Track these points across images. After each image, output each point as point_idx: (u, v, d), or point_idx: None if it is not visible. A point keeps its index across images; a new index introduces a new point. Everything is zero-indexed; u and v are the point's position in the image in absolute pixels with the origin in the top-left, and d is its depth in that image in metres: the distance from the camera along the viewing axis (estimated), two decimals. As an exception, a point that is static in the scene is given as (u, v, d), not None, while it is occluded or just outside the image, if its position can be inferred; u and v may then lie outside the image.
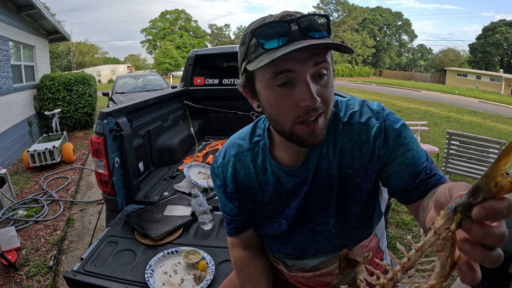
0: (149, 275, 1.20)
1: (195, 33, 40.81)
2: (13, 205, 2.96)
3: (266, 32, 0.54)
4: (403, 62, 42.56)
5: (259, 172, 0.72)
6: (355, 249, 0.77)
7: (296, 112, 0.56)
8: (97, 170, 1.70)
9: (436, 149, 4.06)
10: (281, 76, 0.55)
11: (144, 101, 2.19)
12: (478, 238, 0.29)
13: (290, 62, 0.53)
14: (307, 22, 0.54)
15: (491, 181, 0.29)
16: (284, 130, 0.60)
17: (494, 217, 0.28)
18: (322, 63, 0.55)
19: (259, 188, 0.73)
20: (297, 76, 0.54)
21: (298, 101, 0.55)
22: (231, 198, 0.77)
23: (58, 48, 27.51)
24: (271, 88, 0.57)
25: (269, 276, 0.84)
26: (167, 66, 30.96)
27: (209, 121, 3.34)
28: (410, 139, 0.65)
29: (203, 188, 1.95)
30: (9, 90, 4.73)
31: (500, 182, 0.28)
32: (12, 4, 4.93)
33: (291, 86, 0.55)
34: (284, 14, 0.56)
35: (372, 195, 0.70)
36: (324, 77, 0.56)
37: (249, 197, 0.75)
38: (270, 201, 0.73)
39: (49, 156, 4.07)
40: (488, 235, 0.29)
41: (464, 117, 9.58)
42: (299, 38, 0.53)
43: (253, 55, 0.57)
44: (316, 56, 0.54)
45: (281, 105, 0.57)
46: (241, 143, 0.75)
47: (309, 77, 0.54)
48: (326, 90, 0.57)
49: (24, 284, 1.99)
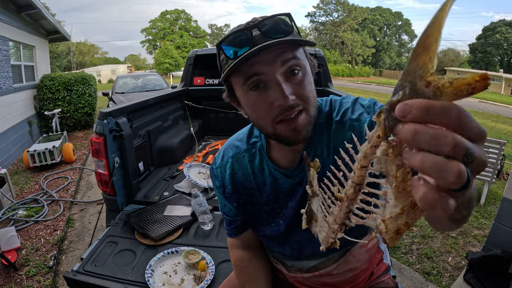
0: (149, 275, 1.20)
1: (195, 33, 40.81)
2: (13, 205, 2.96)
3: (230, 43, 0.56)
4: (403, 62, 42.54)
5: (256, 173, 0.73)
6: (354, 249, 0.77)
7: (273, 113, 0.56)
8: (97, 170, 1.70)
9: (436, 149, 4.06)
10: (251, 80, 0.55)
11: (144, 101, 2.19)
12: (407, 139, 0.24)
13: (257, 65, 0.54)
14: (269, 24, 0.55)
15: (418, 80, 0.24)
16: (268, 133, 0.60)
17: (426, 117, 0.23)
18: (290, 60, 0.55)
19: (257, 188, 0.73)
20: (267, 78, 0.55)
21: (272, 101, 0.55)
22: (230, 199, 0.78)
23: (58, 48, 27.51)
24: (247, 93, 0.58)
25: (269, 276, 0.84)
26: (167, 66, 30.95)
27: (209, 121, 3.33)
28: None
29: (203, 188, 1.95)
30: (9, 90, 4.73)
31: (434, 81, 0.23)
32: (12, 4, 4.93)
33: (264, 88, 0.56)
34: (249, 22, 0.57)
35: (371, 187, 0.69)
36: (297, 74, 0.56)
37: (247, 198, 0.75)
38: (267, 202, 0.73)
39: (49, 156, 4.07)
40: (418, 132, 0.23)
41: (464, 117, 9.58)
42: (262, 42, 0.53)
43: (225, 66, 0.58)
44: (283, 55, 0.54)
45: (258, 108, 0.58)
46: (239, 145, 0.76)
47: (279, 76, 0.54)
48: (301, 87, 0.56)
49: (24, 284, 1.99)
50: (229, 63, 0.56)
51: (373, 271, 0.85)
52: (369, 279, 0.85)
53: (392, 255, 2.34)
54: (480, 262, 1.91)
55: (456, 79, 0.22)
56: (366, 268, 0.82)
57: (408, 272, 2.19)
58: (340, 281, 0.80)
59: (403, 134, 0.24)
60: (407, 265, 2.26)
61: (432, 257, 2.33)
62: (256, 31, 0.54)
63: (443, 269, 2.21)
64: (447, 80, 0.23)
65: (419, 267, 2.24)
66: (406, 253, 2.40)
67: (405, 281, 2.09)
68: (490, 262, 1.88)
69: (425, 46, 0.24)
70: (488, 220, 2.84)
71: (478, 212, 3.02)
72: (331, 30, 38.76)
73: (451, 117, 0.23)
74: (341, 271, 0.78)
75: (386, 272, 0.89)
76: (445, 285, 2.05)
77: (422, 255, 2.37)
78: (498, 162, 3.09)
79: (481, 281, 1.87)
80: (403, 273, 2.18)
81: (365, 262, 0.79)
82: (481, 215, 2.97)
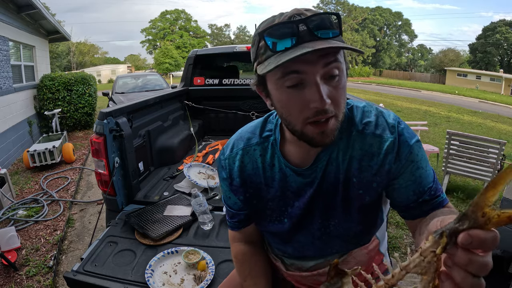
0: (149, 275, 1.20)
1: (195, 33, 40.80)
2: (13, 205, 2.96)
3: (273, 34, 0.53)
4: (403, 62, 42.55)
5: (266, 168, 0.71)
6: (354, 251, 0.77)
7: (306, 113, 0.55)
8: (97, 170, 1.70)
9: (436, 149, 4.05)
10: (290, 77, 0.54)
11: (144, 101, 2.19)
12: (461, 264, 0.30)
13: (299, 64, 0.52)
14: (316, 21, 0.52)
15: (478, 210, 0.30)
16: (295, 130, 0.59)
17: (479, 246, 0.29)
18: (332, 63, 0.53)
19: (265, 183, 0.72)
20: (307, 78, 0.53)
21: (308, 102, 0.54)
22: (236, 192, 0.76)
23: (58, 48, 27.50)
24: (281, 89, 0.56)
25: (269, 273, 0.84)
26: (167, 66, 30.95)
27: (209, 121, 3.33)
28: (421, 157, 0.64)
29: (203, 188, 1.95)
30: (9, 90, 4.73)
31: (488, 213, 0.29)
32: (12, 4, 4.93)
33: (301, 87, 0.54)
34: (293, 13, 0.54)
35: (375, 205, 0.69)
36: (335, 78, 0.55)
37: (254, 192, 0.74)
38: (273, 198, 0.72)
39: (49, 156, 4.07)
40: (472, 262, 0.29)
41: (464, 117, 9.58)
42: (308, 38, 0.52)
43: (263, 57, 0.56)
44: (326, 57, 0.53)
45: (292, 106, 0.56)
46: (251, 137, 0.74)
47: (319, 78, 0.53)
48: (337, 92, 0.55)
49: (24, 284, 1.99)
50: (267, 53, 0.55)
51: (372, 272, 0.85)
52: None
53: (392, 255, 2.33)
54: (480, 262, 1.91)
55: (502, 213, 0.29)
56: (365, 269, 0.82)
57: (408, 272, 2.19)
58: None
59: (459, 259, 0.30)
60: (407, 265, 2.26)
61: (432, 257, 2.34)
62: (303, 26, 0.52)
63: (443, 269, 2.21)
64: (496, 213, 0.29)
65: (419, 267, 2.24)
66: (406, 253, 2.40)
67: (405, 281, 2.09)
68: (490, 262, 1.88)
69: (495, 185, 0.30)
70: (488, 220, 2.83)
71: (478, 212, 3.02)
72: (331, 30, 38.74)
73: (492, 245, 0.29)
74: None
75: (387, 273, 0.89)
76: None
77: (422, 255, 2.37)
78: (498, 162, 3.09)
79: (481, 281, 1.87)
80: (403, 273, 2.18)
81: (365, 263, 0.79)
82: (481, 215, 2.97)
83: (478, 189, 3.46)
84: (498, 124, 8.82)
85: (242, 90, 3.18)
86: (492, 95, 18.65)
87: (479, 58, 31.06)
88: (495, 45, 30.07)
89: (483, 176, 3.15)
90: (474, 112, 10.71)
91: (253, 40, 0.60)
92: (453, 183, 3.65)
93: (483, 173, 3.15)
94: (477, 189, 3.47)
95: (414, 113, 9.74)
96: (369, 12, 39.71)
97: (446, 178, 3.41)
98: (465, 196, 3.32)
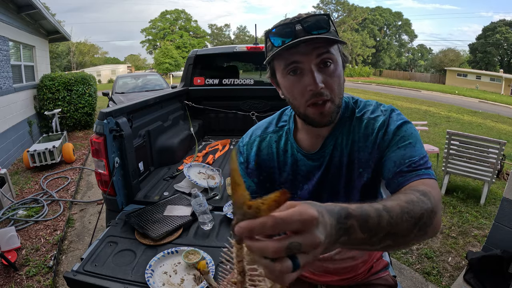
0: (149, 275, 1.20)
1: (195, 33, 40.79)
2: (13, 205, 2.96)
3: (275, 33, 0.66)
4: (403, 62, 42.54)
5: (280, 153, 0.80)
6: None
7: (305, 96, 0.66)
8: (97, 170, 1.70)
9: (436, 149, 4.05)
10: (290, 66, 0.66)
11: (144, 101, 2.19)
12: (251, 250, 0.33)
13: (297, 55, 0.64)
14: (310, 22, 0.64)
15: (242, 207, 0.33)
16: (300, 112, 0.70)
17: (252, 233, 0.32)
18: (324, 54, 0.64)
19: (278, 167, 0.80)
20: (304, 66, 0.65)
21: (306, 86, 0.65)
22: (251, 175, 0.83)
23: (58, 48, 27.50)
24: (286, 76, 0.68)
25: None
26: (167, 66, 30.94)
27: (209, 121, 3.33)
28: (410, 134, 0.67)
29: (203, 188, 1.95)
30: (9, 90, 4.73)
31: (253, 204, 0.32)
32: (12, 4, 4.93)
33: (300, 75, 0.66)
34: (294, 17, 0.67)
35: (374, 185, 0.74)
36: (330, 66, 0.65)
37: (268, 175, 0.82)
38: (285, 182, 0.80)
39: (49, 156, 4.07)
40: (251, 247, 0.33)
41: (464, 117, 9.58)
42: (303, 35, 0.63)
43: (270, 52, 0.68)
44: (319, 49, 0.64)
45: (294, 90, 0.68)
46: (268, 126, 0.85)
47: (313, 66, 0.64)
48: (331, 78, 0.66)
49: (24, 284, 1.99)
50: (273, 49, 0.66)
51: (372, 265, 0.87)
52: (369, 272, 0.88)
53: (392, 255, 2.34)
54: (480, 262, 1.91)
55: (266, 199, 0.32)
56: (366, 259, 0.85)
57: (408, 272, 2.19)
58: (341, 268, 0.83)
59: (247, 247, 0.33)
60: (407, 265, 2.26)
61: (432, 257, 2.34)
62: (298, 26, 0.64)
63: (443, 269, 2.21)
64: (260, 201, 0.32)
65: (419, 267, 2.24)
66: (406, 253, 2.40)
67: (405, 281, 2.09)
68: (490, 262, 1.87)
69: (237, 183, 0.33)
70: (488, 220, 2.83)
71: (478, 212, 3.02)
72: (331, 30, 38.71)
73: (269, 227, 0.31)
74: (343, 258, 0.82)
75: (386, 269, 0.91)
76: (445, 285, 2.05)
77: (422, 255, 2.37)
78: (498, 162, 3.09)
79: (481, 281, 1.87)
80: (403, 273, 2.18)
81: (366, 252, 0.83)
82: (481, 215, 2.97)
83: (478, 189, 3.46)
84: (498, 124, 8.82)
85: (242, 90, 3.18)
86: (492, 95, 18.65)
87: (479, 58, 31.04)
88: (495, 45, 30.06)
89: (483, 176, 3.15)
90: (474, 112, 10.71)
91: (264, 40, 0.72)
92: (453, 183, 3.65)
93: (483, 173, 3.15)
94: (477, 189, 3.47)
95: (414, 113, 9.75)
96: (369, 12, 39.70)
97: (446, 178, 3.41)
98: (465, 196, 3.32)
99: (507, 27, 30.02)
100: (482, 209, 3.08)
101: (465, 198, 3.30)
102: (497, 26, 30.40)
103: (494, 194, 3.39)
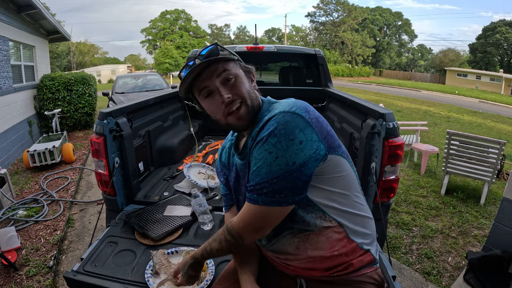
0: (149, 275, 1.20)
1: (195, 33, 40.78)
2: (13, 205, 2.96)
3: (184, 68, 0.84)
4: (403, 62, 42.53)
5: (230, 157, 0.97)
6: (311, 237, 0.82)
7: (221, 109, 0.81)
8: (97, 170, 1.70)
9: (436, 149, 4.06)
10: (203, 92, 0.83)
11: (144, 101, 2.19)
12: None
13: (204, 81, 0.81)
14: (207, 53, 0.81)
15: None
16: (222, 124, 0.84)
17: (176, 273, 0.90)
18: (223, 72, 0.81)
19: (229, 168, 0.98)
20: (211, 88, 0.81)
21: (218, 102, 0.81)
22: (219, 175, 1.04)
23: (58, 48, 27.49)
24: (204, 100, 0.85)
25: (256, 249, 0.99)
26: (167, 66, 30.92)
27: (209, 121, 3.32)
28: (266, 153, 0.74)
29: (203, 188, 1.95)
30: (9, 90, 4.73)
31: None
32: (12, 4, 4.93)
33: (213, 95, 0.82)
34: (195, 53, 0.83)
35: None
36: (231, 80, 0.81)
37: (227, 175, 0.99)
38: (234, 180, 0.95)
39: (49, 156, 4.07)
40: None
41: (464, 117, 9.59)
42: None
43: (183, 84, 0.84)
44: (217, 71, 0.81)
45: (213, 108, 0.84)
46: (229, 137, 1.02)
47: (218, 84, 0.80)
48: (236, 88, 0.81)
49: (24, 284, 1.99)
50: (185, 81, 0.83)
51: (351, 263, 0.83)
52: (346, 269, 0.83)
53: (392, 255, 2.34)
54: (480, 262, 1.91)
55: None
56: (329, 256, 0.82)
57: (408, 272, 2.19)
58: (304, 265, 0.85)
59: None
60: (407, 265, 2.26)
61: (432, 257, 2.34)
62: (197, 60, 0.81)
63: (443, 269, 2.21)
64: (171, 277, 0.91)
65: (419, 267, 2.24)
66: (406, 253, 2.40)
67: (405, 281, 2.09)
68: (490, 262, 1.88)
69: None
70: (488, 220, 2.84)
71: (478, 212, 3.02)
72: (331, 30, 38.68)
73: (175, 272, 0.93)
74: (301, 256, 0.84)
75: (372, 265, 0.86)
76: (445, 285, 2.05)
77: (422, 255, 2.37)
78: (498, 162, 3.09)
79: (481, 281, 1.87)
80: (403, 273, 2.18)
81: (327, 250, 0.81)
82: (481, 215, 2.97)
83: (478, 189, 3.46)
84: (498, 124, 8.82)
85: None
86: (492, 95, 18.65)
87: (479, 58, 31.03)
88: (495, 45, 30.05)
89: (483, 176, 3.15)
90: (474, 112, 10.72)
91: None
92: (453, 183, 3.65)
93: (483, 173, 3.15)
94: (477, 189, 3.47)
95: (414, 113, 9.75)
96: (369, 12, 39.68)
97: (446, 178, 3.41)
98: (465, 196, 3.32)
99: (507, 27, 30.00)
100: (482, 209, 3.08)
101: (465, 198, 3.30)
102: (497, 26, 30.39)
103: (494, 194, 3.39)
